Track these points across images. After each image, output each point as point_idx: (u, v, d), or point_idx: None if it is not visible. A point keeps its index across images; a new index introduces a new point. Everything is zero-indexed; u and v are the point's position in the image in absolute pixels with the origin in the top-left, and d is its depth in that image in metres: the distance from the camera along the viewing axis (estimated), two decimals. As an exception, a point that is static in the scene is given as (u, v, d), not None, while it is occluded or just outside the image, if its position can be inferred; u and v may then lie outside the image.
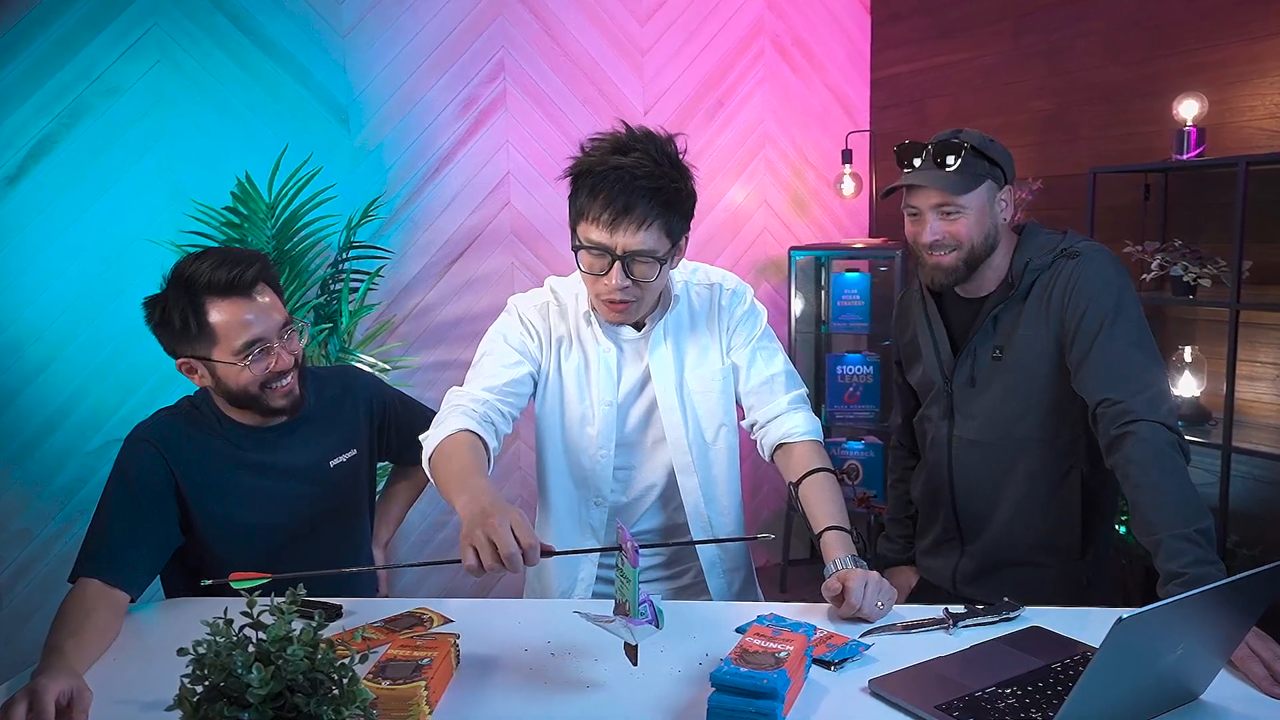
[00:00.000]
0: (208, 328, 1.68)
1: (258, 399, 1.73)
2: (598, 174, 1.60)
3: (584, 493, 1.83)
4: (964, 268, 1.84)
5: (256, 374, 1.70)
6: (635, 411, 1.82)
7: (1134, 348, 1.71)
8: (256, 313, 1.69)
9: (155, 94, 3.16)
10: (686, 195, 1.65)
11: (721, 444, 1.84)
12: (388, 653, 1.33)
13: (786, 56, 4.10)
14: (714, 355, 1.82)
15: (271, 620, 1.06)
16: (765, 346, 1.84)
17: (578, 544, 1.81)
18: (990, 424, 1.89)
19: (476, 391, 1.71)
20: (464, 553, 1.32)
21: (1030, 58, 3.51)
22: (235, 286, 1.68)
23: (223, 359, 1.69)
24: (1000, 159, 1.84)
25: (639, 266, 1.63)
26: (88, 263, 3.13)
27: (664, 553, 1.89)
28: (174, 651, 1.05)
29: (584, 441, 1.81)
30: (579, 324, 1.81)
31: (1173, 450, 1.58)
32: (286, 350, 1.74)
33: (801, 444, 1.78)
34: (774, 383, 1.81)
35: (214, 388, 1.74)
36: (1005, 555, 1.92)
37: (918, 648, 1.44)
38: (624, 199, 1.58)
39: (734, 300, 1.84)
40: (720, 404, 1.83)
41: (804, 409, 1.82)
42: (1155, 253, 2.90)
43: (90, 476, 3.16)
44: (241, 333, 1.68)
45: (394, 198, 3.52)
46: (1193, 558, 1.45)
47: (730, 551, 1.88)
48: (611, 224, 1.59)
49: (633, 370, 1.81)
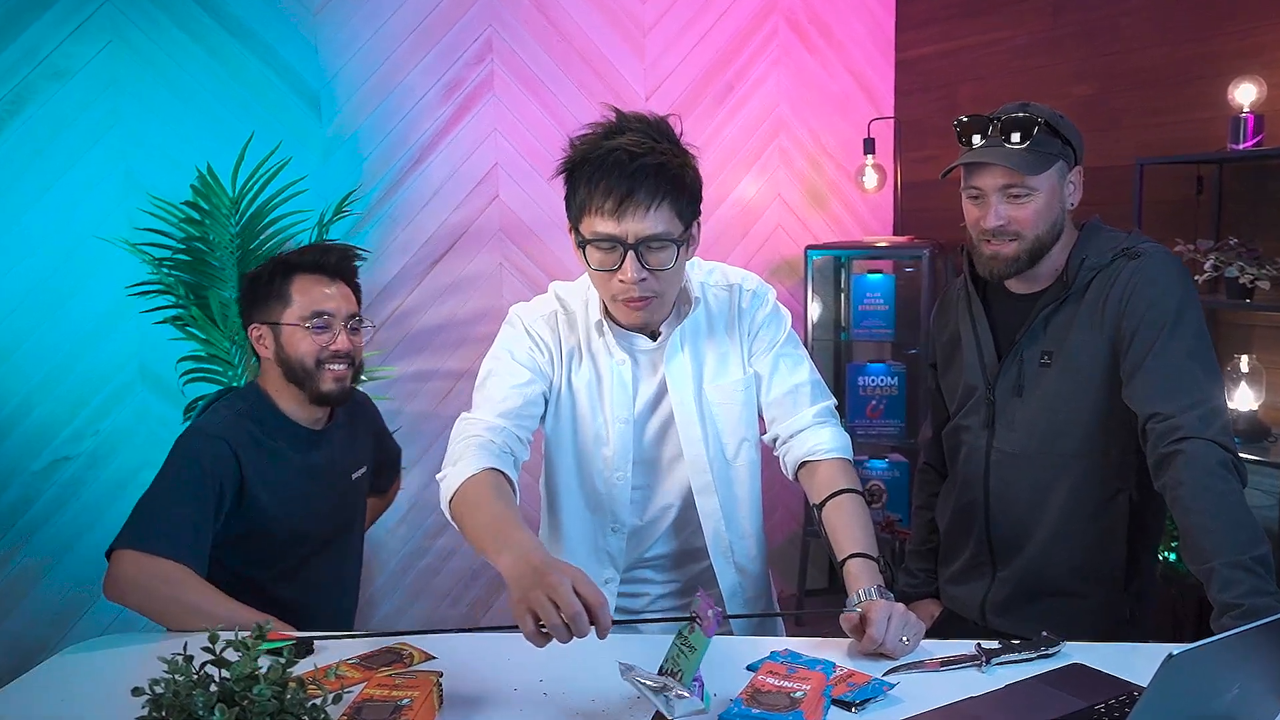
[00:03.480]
0: (287, 293, 2.00)
1: (311, 374, 1.98)
2: (594, 161, 1.62)
3: (599, 518, 1.84)
4: (1026, 258, 1.85)
5: (316, 344, 1.97)
6: (651, 427, 1.83)
7: (1191, 359, 1.71)
8: (332, 292, 2.02)
9: (107, 77, 3.18)
10: (692, 175, 1.67)
11: (743, 461, 1.85)
12: (364, 692, 1.33)
13: (803, 36, 4.12)
14: (735, 364, 1.83)
15: (236, 656, 1.07)
16: (789, 353, 1.84)
17: (593, 573, 1.72)
18: (1032, 435, 1.89)
19: (490, 418, 1.71)
20: (521, 619, 1.31)
21: (1069, 37, 3.53)
22: (321, 266, 2.02)
23: (289, 322, 1.98)
24: (1072, 137, 1.85)
25: (654, 254, 1.64)
26: (34, 263, 3.14)
27: (679, 578, 1.90)
28: (128, 692, 1.06)
29: (599, 463, 1.82)
30: (590, 335, 1.81)
31: (1225, 470, 1.59)
32: (348, 336, 2.01)
33: (828, 462, 1.78)
34: (799, 393, 1.82)
35: (274, 356, 2.00)
36: (1041, 583, 1.92)
37: (947, 687, 1.44)
38: (627, 182, 1.59)
39: (755, 302, 1.84)
40: (742, 417, 1.84)
41: (831, 423, 1.82)
42: (1208, 252, 2.91)
43: (36, 499, 3.16)
44: (313, 303, 1.99)
45: (370, 191, 3.53)
46: (1249, 587, 1.46)
47: (752, 578, 1.89)
48: (617, 211, 1.60)
49: (648, 383, 1.81)
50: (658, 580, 1.90)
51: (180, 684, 1.04)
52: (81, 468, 3.21)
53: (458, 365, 3.70)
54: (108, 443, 3.21)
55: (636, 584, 1.90)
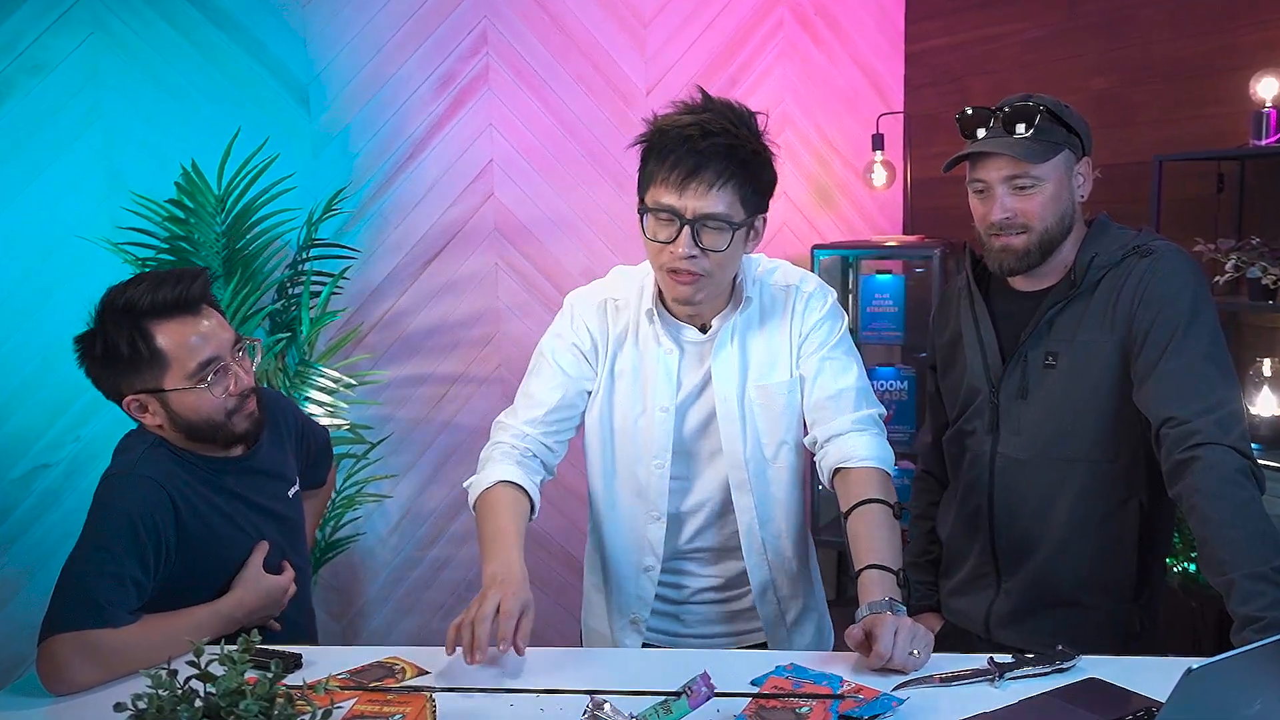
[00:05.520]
0: (157, 352, 1.72)
1: (222, 426, 1.79)
2: (669, 134, 1.71)
3: (640, 505, 1.90)
4: (1037, 251, 1.86)
5: (218, 397, 1.76)
6: (692, 418, 1.88)
7: (1207, 361, 1.72)
8: (206, 332, 1.76)
9: (88, 71, 3.18)
10: (764, 166, 1.74)
11: (783, 463, 1.89)
12: (354, 708, 1.34)
13: (809, 28, 4.12)
14: (783, 365, 1.87)
15: (222, 671, 1.07)
16: (837, 357, 1.86)
17: (634, 560, 1.93)
18: (1038, 440, 1.90)
19: (520, 425, 1.86)
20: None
21: (1085, 29, 3.53)
22: (182, 305, 1.74)
23: (176, 385, 1.74)
24: (1078, 125, 1.86)
25: (710, 234, 1.70)
26: (12, 263, 3.14)
27: (720, 574, 1.95)
28: (110, 707, 1.06)
29: (638, 450, 1.88)
30: (639, 321, 1.88)
31: (1244, 478, 1.59)
32: (243, 370, 1.80)
33: (861, 470, 1.79)
34: (841, 398, 1.84)
35: (167, 424, 1.78)
36: (1047, 594, 1.92)
37: (959, 702, 1.44)
38: (695, 158, 1.68)
39: (811, 305, 1.88)
40: (784, 419, 1.87)
41: (871, 431, 1.83)
42: (1230, 252, 2.91)
43: (14, 508, 3.16)
44: (195, 353, 1.74)
45: (361, 189, 3.54)
46: (1270, 599, 1.46)
47: (788, 578, 1.94)
48: (681, 184, 1.68)
49: (693, 375, 1.87)
50: (699, 573, 1.95)
51: (164, 699, 1.04)
52: (61, 476, 3.21)
53: (451, 369, 3.70)
54: (88, 450, 3.21)
55: (677, 575, 1.95)
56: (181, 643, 1.48)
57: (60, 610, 1.61)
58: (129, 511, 1.69)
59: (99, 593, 1.62)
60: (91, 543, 1.67)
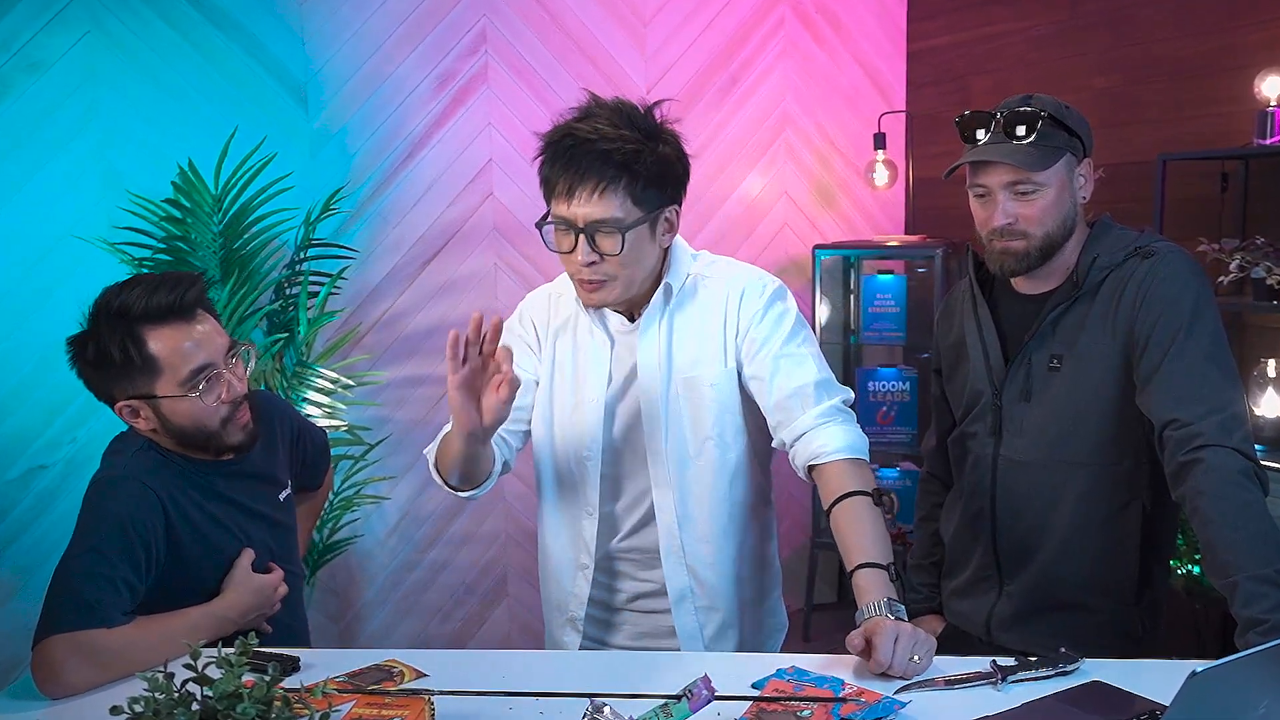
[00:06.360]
0: (149, 358, 1.72)
1: (215, 434, 1.78)
2: (556, 144, 1.72)
3: (574, 499, 1.90)
4: (1038, 254, 1.86)
5: (210, 404, 1.75)
6: (622, 411, 1.87)
7: (1209, 362, 1.72)
8: (200, 338, 1.75)
9: (85, 69, 3.18)
10: (655, 159, 1.72)
11: (706, 461, 1.84)
12: (352, 712, 1.34)
13: (810, 26, 4.13)
14: (713, 358, 1.83)
15: (219, 674, 1.07)
16: (790, 353, 1.81)
17: (569, 559, 1.92)
18: (1041, 442, 1.90)
19: None
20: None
21: (1088, 28, 3.54)
22: (176, 311, 1.73)
23: (168, 392, 1.73)
24: (1078, 128, 1.86)
25: (604, 238, 1.70)
26: (9, 263, 3.13)
27: (657, 579, 1.88)
28: (106, 710, 1.06)
29: (571, 442, 1.88)
30: (578, 312, 1.89)
31: (1248, 480, 1.60)
32: (236, 377, 1.79)
33: (834, 464, 1.74)
34: (801, 395, 1.77)
35: (159, 429, 1.77)
36: (1049, 597, 1.92)
37: (961, 705, 1.44)
38: (578, 165, 1.69)
39: (747, 296, 1.85)
40: (711, 415, 1.83)
41: (837, 420, 1.77)
42: (1234, 251, 2.91)
43: (11, 510, 3.16)
44: (188, 360, 1.73)
45: (359, 188, 3.54)
46: (1274, 601, 1.46)
47: (707, 587, 1.86)
48: (568, 194, 1.70)
49: (623, 365, 1.86)
50: (635, 576, 1.90)
51: (160, 702, 1.04)
52: (58, 477, 3.21)
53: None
54: (85, 451, 3.21)
55: (612, 576, 1.91)
56: (177, 643, 1.51)
57: (54, 612, 1.61)
58: (119, 514, 1.69)
59: (92, 594, 1.62)
60: (83, 545, 1.67)
